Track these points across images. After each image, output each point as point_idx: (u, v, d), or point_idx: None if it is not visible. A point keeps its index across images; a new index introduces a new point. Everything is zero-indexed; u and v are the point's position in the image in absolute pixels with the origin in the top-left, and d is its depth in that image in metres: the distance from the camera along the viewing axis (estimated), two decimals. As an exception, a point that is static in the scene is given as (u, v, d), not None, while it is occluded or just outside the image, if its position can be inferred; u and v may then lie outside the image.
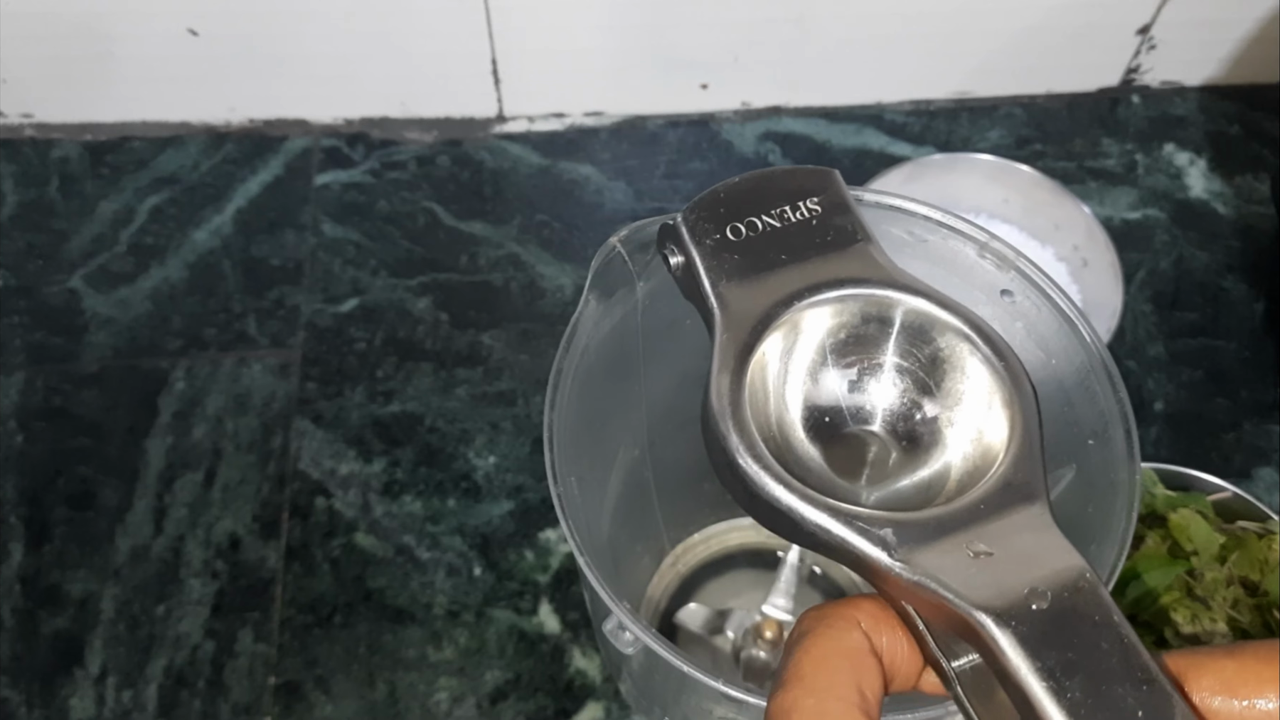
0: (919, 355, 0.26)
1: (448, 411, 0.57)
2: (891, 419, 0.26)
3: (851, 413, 0.26)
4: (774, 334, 0.25)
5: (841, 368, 0.26)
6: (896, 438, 0.26)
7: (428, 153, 0.66)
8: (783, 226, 0.27)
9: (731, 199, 0.27)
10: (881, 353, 0.26)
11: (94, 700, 0.50)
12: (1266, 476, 0.56)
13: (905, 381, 0.26)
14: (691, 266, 0.27)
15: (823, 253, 0.26)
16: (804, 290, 0.25)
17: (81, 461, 0.56)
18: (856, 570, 0.22)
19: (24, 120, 0.66)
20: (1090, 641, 0.20)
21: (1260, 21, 0.64)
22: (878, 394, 0.26)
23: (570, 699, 0.51)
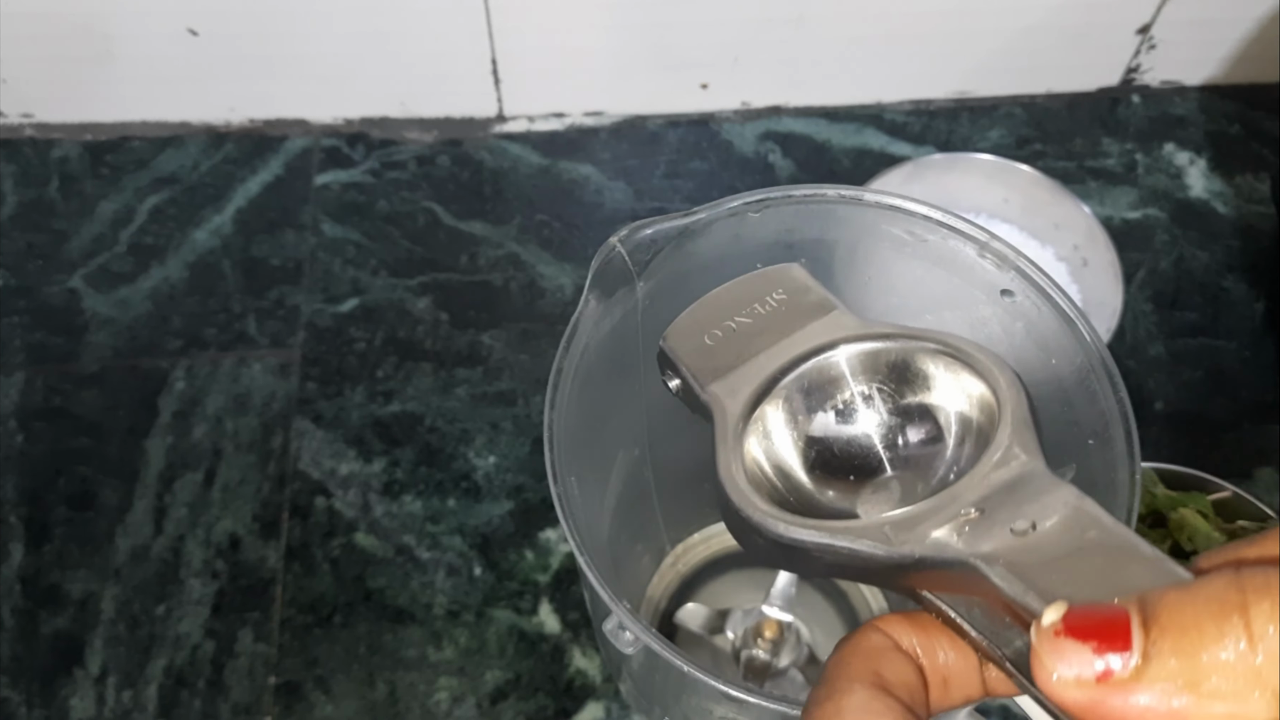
0: (897, 383, 0.28)
1: (448, 411, 0.57)
2: (888, 437, 0.28)
3: (851, 443, 0.28)
4: (767, 408, 0.28)
5: (832, 414, 0.28)
6: (898, 454, 0.28)
7: (428, 152, 0.66)
8: (754, 321, 0.30)
9: (705, 314, 0.30)
10: (861, 390, 0.28)
11: (94, 700, 0.50)
12: (1266, 476, 0.56)
13: (889, 404, 0.28)
14: (684, 380, 0.29)
15: (790, 331, 0.29)
16: (780, 368, 0.28)
17: (81, 461, 0.56)
18: (887, 584, 0.24)
19: (24, 120, 0.66)
20: (1087, 551, 0.20)
21: (1260, 21, 0.64)
22: (868, 421, 0.28)
23: (570, 699, 0.51)
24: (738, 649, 0.49)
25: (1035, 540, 0.21)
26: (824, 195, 0.35)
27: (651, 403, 0.42)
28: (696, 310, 0.31)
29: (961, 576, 0.22)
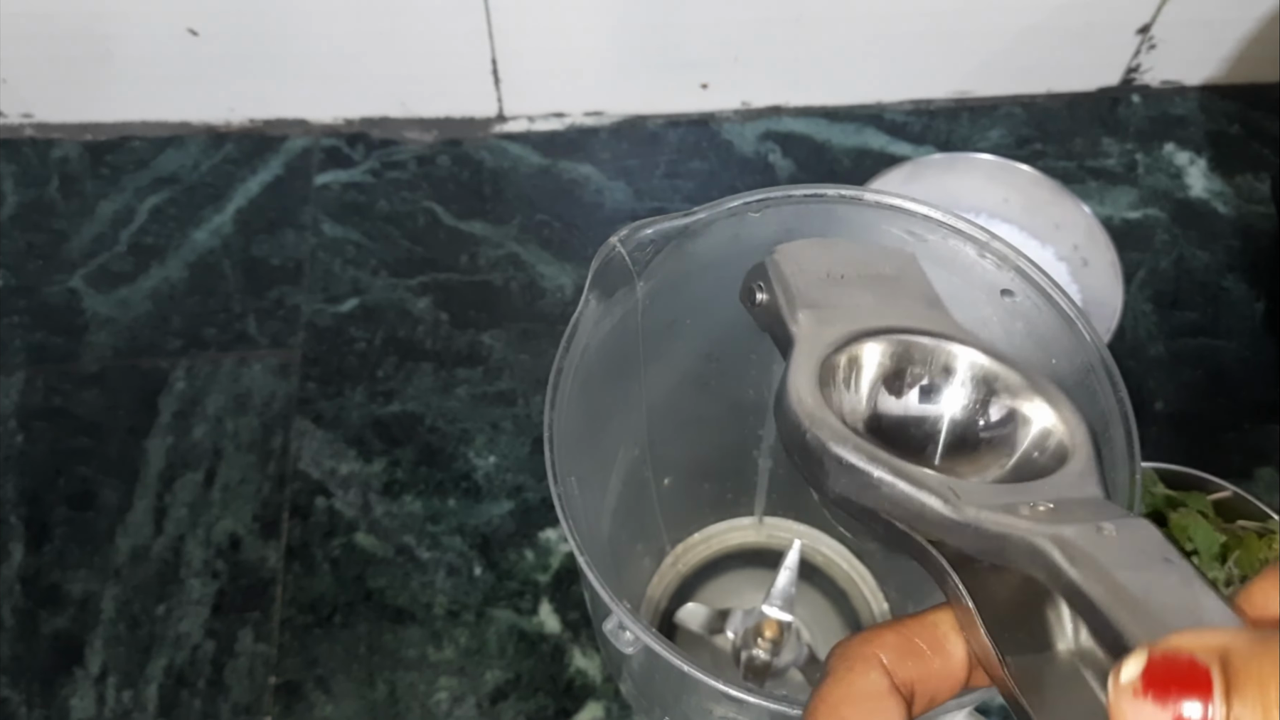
0: (987, 390, 0.28)
1: (448, 411, 0.57)
2: (958, 430, 0.28)
3: (921, 423, 0.28)
4: (860, 351, 0.27)
5: (916, 390, 0.28)
6: (964, 448, 0.28)
7: (428, 152, 0.66)
8: (862, 280, 0.30)
9: (819, 252, 0.30)
10: (953, 381, 0.28)
11: (94, 700, 0.50)
12: (1266, 476, 0.56)
13: (973, 400, 0.28)
14: (775, 297, 0.29)
15: (895, 304, 0.29)
16: (880, 328, 0.28)
17: (82, 461, 0.56)
18: (922, 557, 0.23)
19: (24, 120, 0.66)
20: (1158, 572, 0.20)
21: (1260, 21, 0.64)
22: (947, 406, 0.28)
23: (570, 699, 0.51)
24: (738, 649, 0.49)
25: (1107, 541, 0.21)
26: (824, 195, 0.35)
27: (651, 402, 0.42)
28: (813, 245, 0.31)
29: (1012, 557, 0.21)
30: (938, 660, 0.22)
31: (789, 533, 0.52)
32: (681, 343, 0.40)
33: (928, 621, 0.23)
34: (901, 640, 0.22)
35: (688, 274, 0.36)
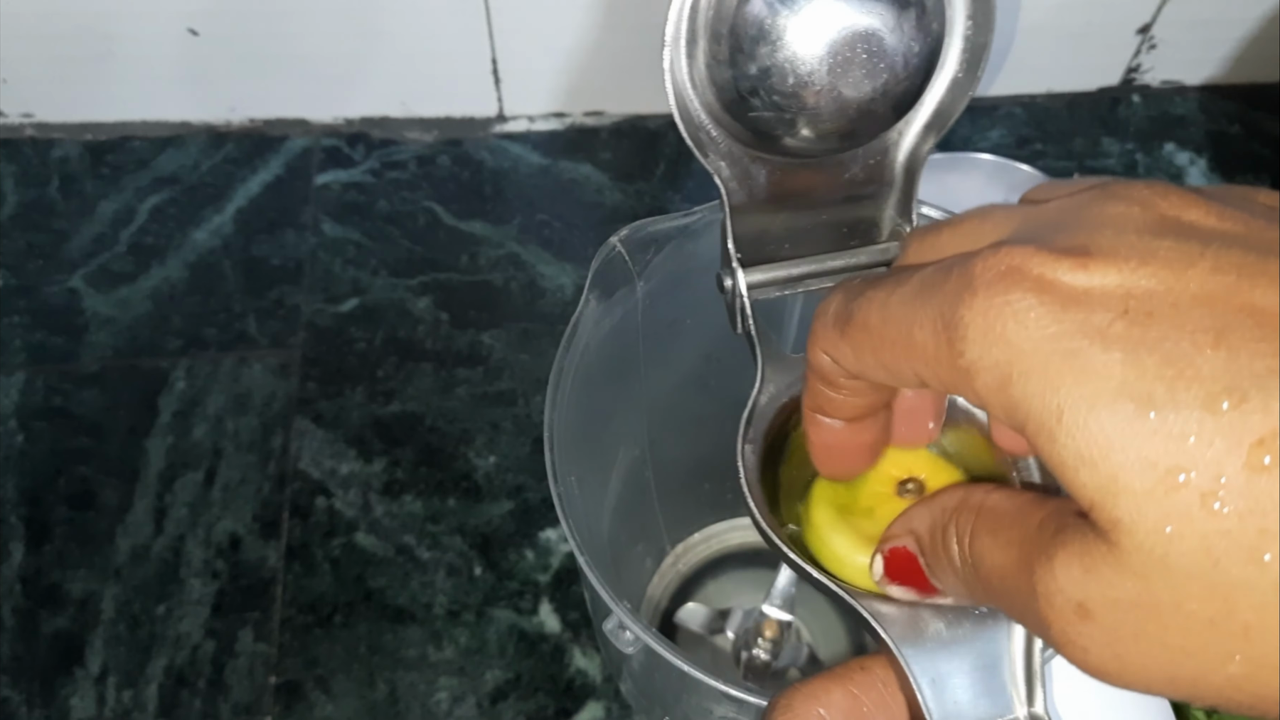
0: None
1: (448, 411, 0.57)
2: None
3: None
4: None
5: None
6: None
7: (428, 152, 0.66)
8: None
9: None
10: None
11: (94, 700, 0.50)
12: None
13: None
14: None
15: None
16: None
17: (82, 461, 0.56)
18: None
19: (24, 120, 0.66)
20: None
21: (1260, 21, 0.64)
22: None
23: (570, 699, 0.51)
24: (738, 649, 0.49)
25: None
26: (824, 195, 0.35)
27: (652, 402, 0.42)
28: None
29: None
30: (880, 716, 0.22)
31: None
32: (681, 343, 0.41)
33: (874, 675, 0.23)
34: (847, 699, 0.22)
35: (688, 274, 0.36)
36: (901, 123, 0.27)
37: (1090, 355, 0.16)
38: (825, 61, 0.24)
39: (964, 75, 0.27)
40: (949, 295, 0.18)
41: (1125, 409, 0.16)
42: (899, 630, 0.23)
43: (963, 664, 0.22)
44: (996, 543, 0.19)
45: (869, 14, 0.23)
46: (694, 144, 0.26)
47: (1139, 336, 0.16)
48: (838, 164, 0.28)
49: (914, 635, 0.23)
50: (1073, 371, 0.16)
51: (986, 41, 0.26)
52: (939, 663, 0.22)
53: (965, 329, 0.17)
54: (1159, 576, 0.16)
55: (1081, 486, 0.16)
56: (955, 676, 0.22)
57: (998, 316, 0.17)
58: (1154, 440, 0.15)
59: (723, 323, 0.37)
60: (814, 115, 0.25)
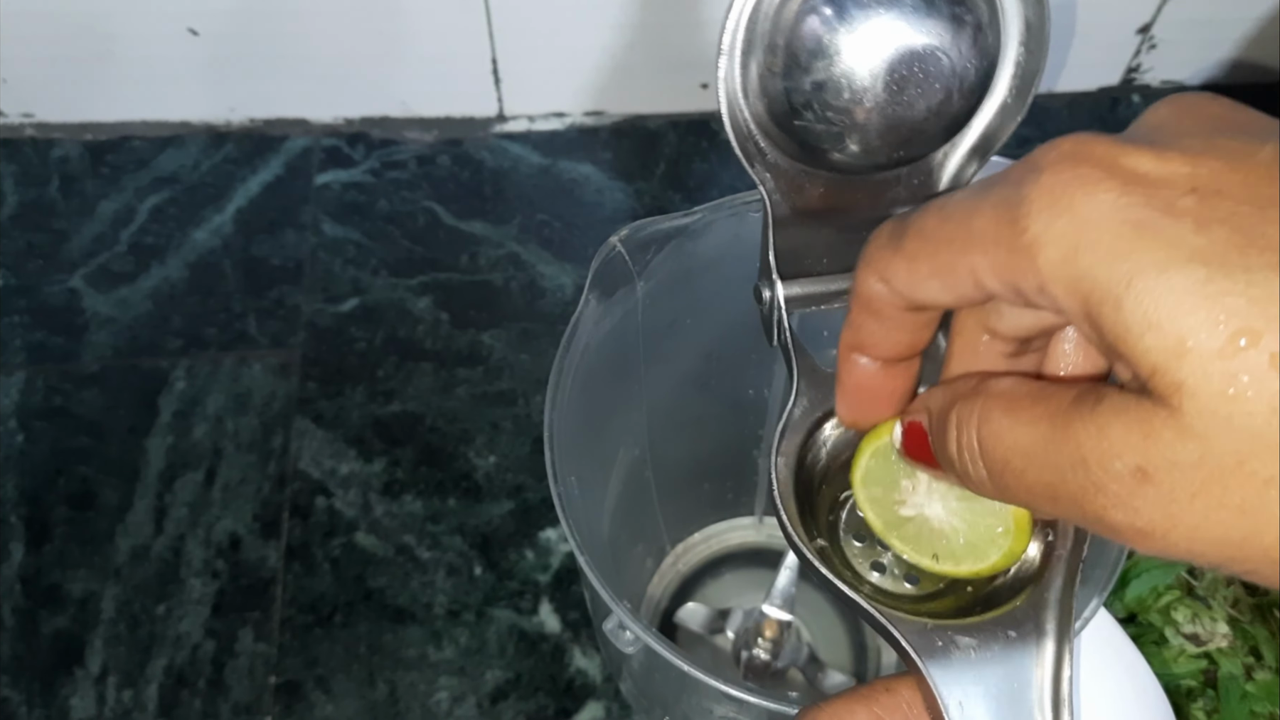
0: None
1: (448, 411, 0.57)
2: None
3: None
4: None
5: None
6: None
7: (428, 152, 0.66)
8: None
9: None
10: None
11: (94, 700, 0.50)
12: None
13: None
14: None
15: None
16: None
17: (82, 461, 0.56)
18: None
19: (24, 120, 0.66)
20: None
21: (1260, 21, 0.64)
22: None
23: (571, 698, 0.51)
24: (738, 649, 0.49)
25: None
26: (824, 195, 0.35)
27: (652, 402, 0.42)
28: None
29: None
30: None
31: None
32: (681, 343, 0.41)
33: (899, 697, 0.23)
34: (871, 719, 0.22)
35: (688, 274, 0.36)
36: (948, 145, 0.28)
37: (1161, 225, 0.16)
38: (881, 78, 0.24)
39: (1013, 101, 0.27)
40: (1012, 180, 0.18)
41: (1197, 273, 0.16)
42: (928, 650, 0.23)
43: (990, 687, 0.22)
44: (1018, 421, 0.19)
45: (927, 33, 0.23)
46: (742, 153, 0.26)
47: (1209, 210, 0.16)
48: (882, 182, 0.28)
49: (942, 656, 0.23)
50: (1143, 239, 0.16)
51: (1038, 68, 0.26)
52: (967, 685, 0.22)
53: (1030, 205, 0.17)
54: (1223, 437, 0.16)
55: (1145, 352, 0.16)
56: (982, 700, 0.22)
57: (1064, 190, 0.17)
58: (1224, 301, 0.16)
59: (723, 322, 0.37)
60: (864, 132, 0.24)
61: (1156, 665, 0.42)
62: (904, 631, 0.23)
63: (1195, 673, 0.44)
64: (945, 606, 0.26)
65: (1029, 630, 0.23)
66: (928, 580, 0.26)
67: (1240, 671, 0.44)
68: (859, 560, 0.27)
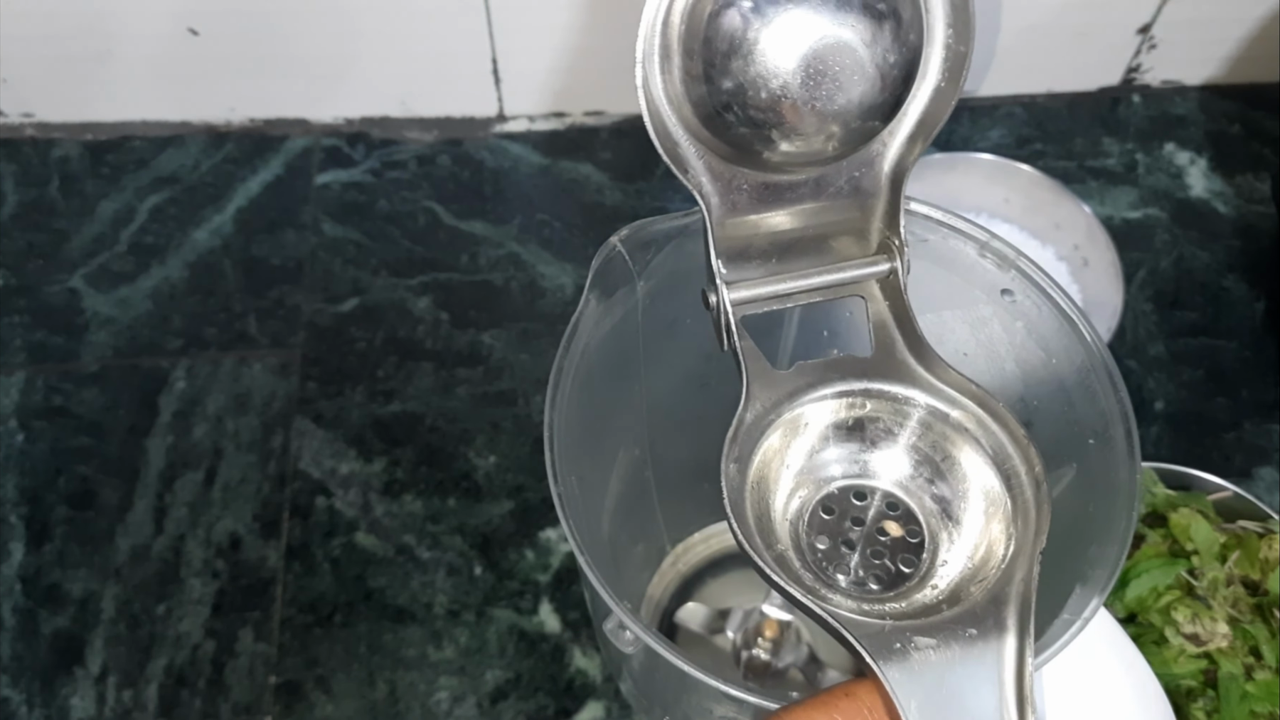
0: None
1: (448, 411, 0.57)
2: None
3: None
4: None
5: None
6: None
7: (428, 152, 0.66)
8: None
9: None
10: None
11: (94, 699, 0.50)
12: (1267, 476, 0.56)
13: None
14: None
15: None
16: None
17: (82, 461, 0.56)
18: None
19: (24, 120, 0.66)
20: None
21: (1261, 21, 0.64)
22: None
23: (571, 698, 0.51)
24: (738, 649, 0.49)
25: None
26: (824, 195, 0.35)
27: (652, 402, 0.42)
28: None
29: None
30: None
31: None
32: (681, 343, 0.40)
33: (859, 702, 0.23)
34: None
35: (688, 274, 0.36)
36: (885, 134, 0.27)
37: None
38: (799, 74, 0.23)
39: (947, 84, 0.27)
40: None
41: None
42: (884, 652, 0.22)
43: (951, 688, 0.22)
44: None
45: (843, 26, 0.23)
46: (671, 160, 0.26)
47: None
48: (822, 177, 0.28)
49: (900, 658, 0.22)
50: None
51: (968, 49, 0.26)
52: (926, 686, 0.22)
53: None
54: None
55: None
56: (943, 701, 0.22)
57: None
58: None
59: (723, 322, 0.37)
60: (791, 129, 0.24)
61: (1156, 665, 0.42)
62: (859, 635, 0.23)
63: (1195, 673, 0.44)
64: (912, 605, 0.26)
65: (989, 626, 0.23)
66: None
67: (1240, 671, 0.44)
68: (824, 563, 0.27)
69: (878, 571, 0.27)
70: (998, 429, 0.27)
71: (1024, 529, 0.25)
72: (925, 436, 0.28)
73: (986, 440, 0.27)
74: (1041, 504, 0.26)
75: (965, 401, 0.28)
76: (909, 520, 0.27)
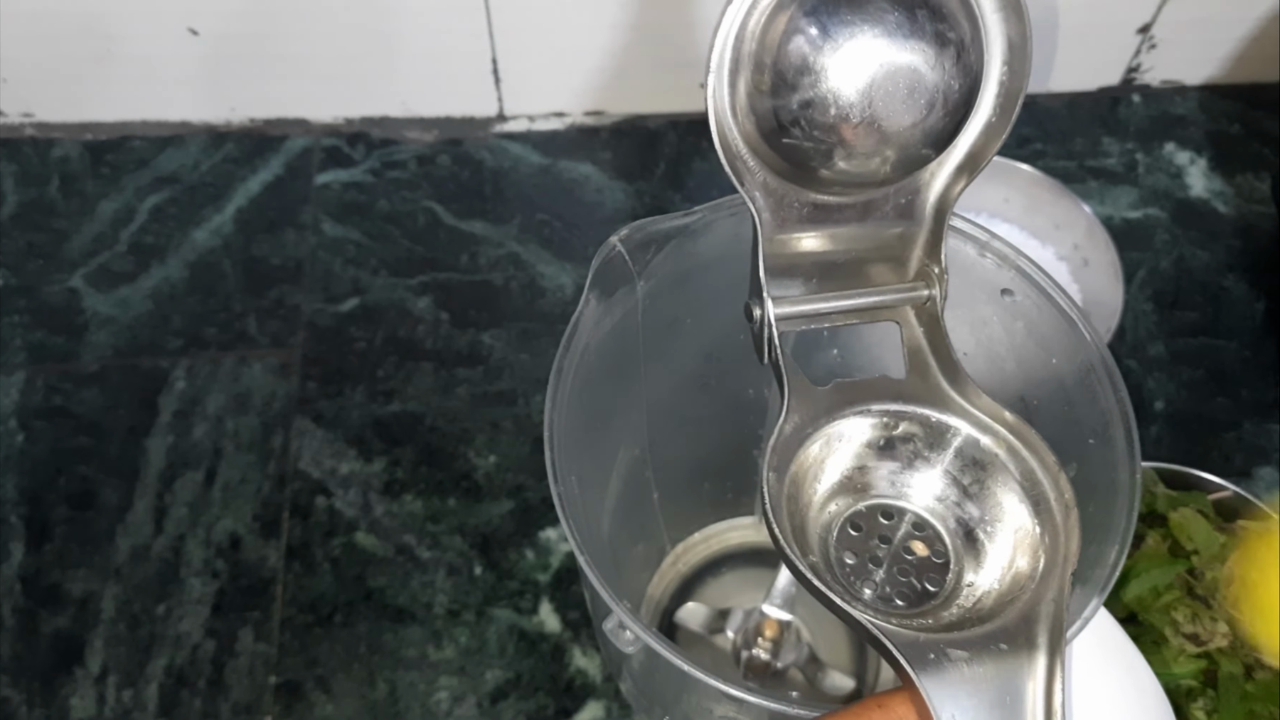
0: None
1: (448, 411, 0.57)
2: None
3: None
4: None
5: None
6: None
7: (428, 152, 0.66)
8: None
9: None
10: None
11: (94, 700, 0.50)
12: (1267, 475, 0.56)
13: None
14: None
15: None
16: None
17: (82, 461, 0.56)
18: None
19: (24, 119, 0.66)
20: None
21: (1260, 21, 0.64)
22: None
23: (571, 698, 0.51)
24: (738, 648, 0.49)
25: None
26: (824, 195, 0.35)
27: (652, 402, 0.42)
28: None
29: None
30: None
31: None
32: (681, 343, 0.41)
33: (892, 714, 0.23)
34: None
35: (688, 274, 0.36)
36: (935, 164, 0.28)
37: None
38: (866, 95, 0.24)
39: (998, 120, 0.27)
40: None
41: None
42: (920, 662, 0.23)
43: (983, 700, 0.22)
44: None
45: (910, 50, 0.24)
46: (731, 172, 0.26)
47: None
48: (870, 201, 0.28)
49: (935, 669, 0.23)
50: None
51: (1021, 87, 0.26)
52: (960, 697, 0.22)
53: None
54: None
55: None
56: (975, 712, 0.22)
57: None
58: None
59: (723, 322, 0.37)
60: (852, 148, 0.25)
61: (1156, 665, 0.42)
62: (897, 644, 0.23)
63: (1195, 672, 0.44)
64: (938, 622, 0.26)
65: (1020, 644, 0.24)
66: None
67: (1240, 671, 0.44)
68: (851, 577, 0.27)
69: (903, 589, 0.27)
70: (1029, 455, 0.28)
71: (1053, 551, 0.26)
72: (956, 461, 0.29)
73: (1017, 467, 0.28)
74: (1071, 530, 0.26)
75: (998, 428, 0.28)
76: (935, 541, 0.28)
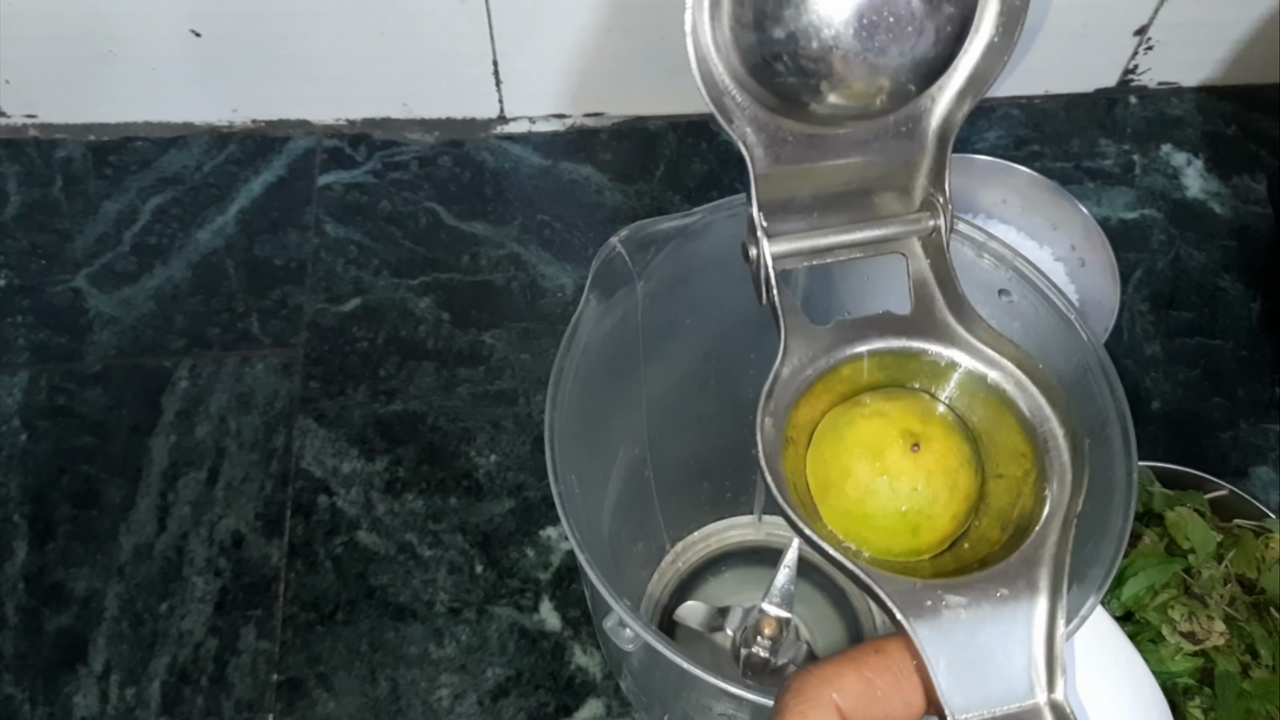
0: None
1: (449, 410, 0.58)
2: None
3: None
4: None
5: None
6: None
7: (429, 153, 0.66)
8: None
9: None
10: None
11: (97, 697, 0.51)
12: (1263, 475, 0.56)
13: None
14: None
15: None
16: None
17: (85, 460, 0.56)
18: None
19: (28, 121, 0.66)
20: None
21: (1257, 22, 0.64)
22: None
23: (571, 696, 0.51)
24: (737, 646, 0.49)
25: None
26: (823, 196, 0.35)
27: (652, 401, 0.42)
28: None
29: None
30: (895, 699, 0.22)
31: (788, 531, 0.53)
32: (681, 343, 0.41)
33: (889, 658, 0.22)
34: (860, 683, 0.22)
35: (688, 274, 0.37)
36: (934, 88, 0.27)
37: None
38: (851, 25, 0.23)
39: (1000, 39, 0.26)
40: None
41: None
42: (915, 609, 0.22)
43: (981, 647, 0.22)
44: None
45: None
46: (716, 109, 0.25)
47: None
48: (867, 131, 0.27)
49: (930, 615, 0.22)
50: None
51: (1024, 3, 0.25)
52: (956, 645, 0.22)
53: None
54: None
55: None
56: (973, 660, 0.22)
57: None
58: None
59: (723, 322, 0.38)
60: (841, 80, 0.24)
61: (1153, 663, 0.43)
62: (889, 591, 0.22)
63: (1192, 670, 0.44)
64: (942, 567, 0.25)
65: (1021, 588, 0.23)
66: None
67: (1237, 669, 0.44)
68: None
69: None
70: (1036, 391, 0.27)
71: (1059, 491, 0.25)
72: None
73: (1025, 402, 0.27)
74: (1080, 468, 0.25)
75: (1004, 362, 0.27)
76: None
